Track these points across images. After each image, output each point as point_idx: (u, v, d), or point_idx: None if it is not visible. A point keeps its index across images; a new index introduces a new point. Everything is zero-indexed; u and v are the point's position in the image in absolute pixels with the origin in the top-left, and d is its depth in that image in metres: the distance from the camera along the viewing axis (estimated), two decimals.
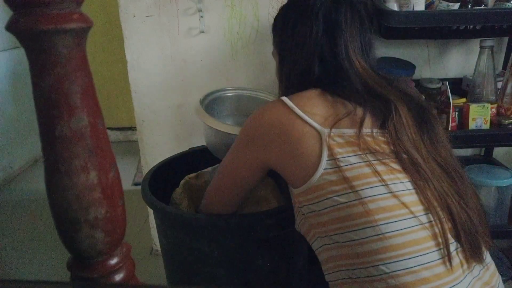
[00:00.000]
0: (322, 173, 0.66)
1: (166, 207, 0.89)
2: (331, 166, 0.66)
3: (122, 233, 0.51)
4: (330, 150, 0.66)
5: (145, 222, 1.89)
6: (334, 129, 0.67)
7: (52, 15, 0.38)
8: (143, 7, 1.40)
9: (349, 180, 0.64)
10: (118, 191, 0.49)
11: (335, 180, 0.65)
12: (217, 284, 0.89)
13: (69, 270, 0.50)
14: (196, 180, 1.07)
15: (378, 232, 0.62)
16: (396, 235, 0.62)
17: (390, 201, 0.63)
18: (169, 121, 1.53)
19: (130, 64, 1.46)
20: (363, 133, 0.67)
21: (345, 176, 0.65)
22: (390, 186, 0.64)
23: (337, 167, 0.65)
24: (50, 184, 0.45)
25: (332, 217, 0.66)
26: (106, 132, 0.47)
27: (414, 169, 0.66)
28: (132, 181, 2.46)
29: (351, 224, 0.64)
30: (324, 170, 0.66)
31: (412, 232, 0.62)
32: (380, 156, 0.66)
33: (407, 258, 0.61)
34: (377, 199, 0.63)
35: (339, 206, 0.65)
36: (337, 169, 0.65)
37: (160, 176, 1.05)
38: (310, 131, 0.68)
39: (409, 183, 0.65)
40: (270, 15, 1.41)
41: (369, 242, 0.63)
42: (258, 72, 1.48)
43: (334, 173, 0.65)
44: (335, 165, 0.65)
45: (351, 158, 0.65)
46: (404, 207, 0.63)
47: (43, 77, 0.41)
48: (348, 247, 0.65)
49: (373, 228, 0.62)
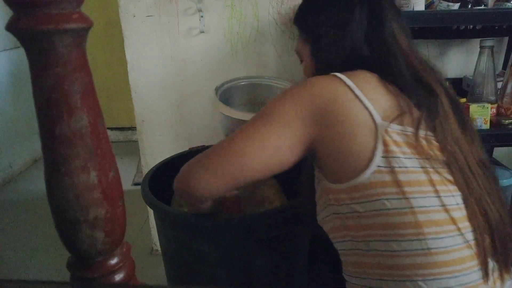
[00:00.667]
0: (375, 171, 0.59)
1: (166, 207, 0.89)
2: (385, 164, 0.59)
3: (122, 233, 0.51)
4: (386, 146, 0.59)
5: (145, 222, 1.89)
6: (393, 124, 0.60)
7: (52, 15, 0.38)
8: (143, 7, 1.40)
9: (402, 184, 0.59)
10: (118, 191, 0.49)
11: (388, 182, 0.59)
12: (217, 284, 0.89)
13: (69, 270, 0.50)
14: None
15: (424, 246, 0.58)
16: (442, 252, 0.58)
17: (441, 215, 0.59)
18: (169, 121, 1.53)
19: (130, 64, 1.46)
20: (419, 134, 0.61)
21: (398, 179, 0.59)
22: (443, 199, 0.59)
23: (391, 167, 0.59)
24: (50, 184, 0.45)
25: (376, 222, 0.60)
26: (106, 132, 0.47)
27: (464, 183, 0.62)
28: (132, 181, 2.46)
29: (397, 233, 0.59)
30: (377, 167, 0.59)
31: (458, 250, 0.59)
32: (435, 164, 0.61)
33: (449, 277, 0.58)
34: (429, 211, 0.59)
35: (387, 212, 0.59)
36: (391, 169, 0.59)
37: (160, 176, 1.05)
38: (368, 119, 0.61)
39: (459, 197, 0.61)
40: (270, 15, 1.41)
41: (412, 256, 0.58)
42: (258, 72, 1.48)
43: (388, 173, 0.59)
44: (389, 164, 0.59)
45: (406, 161, 0.60)
46: (453, 223, 0.59)
47: (43, 77, 0.41)
48: (386, 257, 0.60)
49: (420, 241, 0.58)
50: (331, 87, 0.63)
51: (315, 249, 1.06)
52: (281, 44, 1.45)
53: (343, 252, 0.69)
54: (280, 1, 1.40)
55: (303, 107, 0.63)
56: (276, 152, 0.63)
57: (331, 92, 0.63)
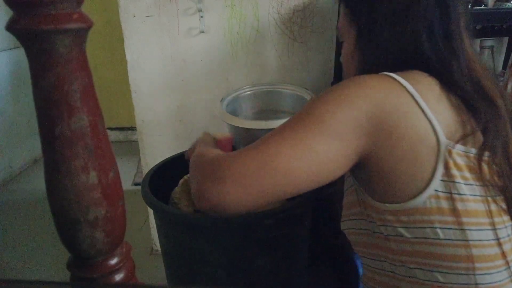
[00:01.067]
0: (431, 195, 0.53)
1: (166, 207, 0.89)
2: (444, 189, 0.53)
3: (122, 233, 0.51)
4: (447, 169, 0.52)
5: (145, 222, 1.89)
6: (458, 144, 0.53)
7: (52, 15, 0.38)
8: (143, 7, 1.40)
9: (459, 214, 0.52)
10: (118, 191, 0.49)
11: (444, 209, 0.53)
12: (217, 284, 0.88)
13: (69, 270, 0.50)
14: None
15: (472, 281, 0.54)
16: (489, 287, 0.55)
17: (493, 249, 0.54)
18: (169, 121, 1.53)
19: (130, 64, 1.46)
20: (482, 158, 0.54)
21: (456, 207, 0.53)
22: (497, 232, 0.54)
23: (450, 192, 0.53)
24: (50, 184, 0.45)
25: (423, 250, 0.55)
26: (106, 132, 0.47)
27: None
28: (132, 181, 2.46)
29: (445, 265, 0.54)
30: (435, 191, 0.53)
31: (504, 285, 0.56)
32: (493, 192, 0.55)
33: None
34: (484, 245, 0.54)
35: (438, 241, 0.54)
36: (449, 196, 0.53)
37: (160, 176, 1.05)
38: (431, 137, 0.53)
39: (510, 228, 0.57)
40: (270, 15, 1.41)
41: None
42: (258, 72, 1.48)
43: (445, 200, 0.53)
44: (448, 189, 0.53)
45: (466, 187, 0.53)
46: (503, 257, 0.55)
47: (43, 77, 0.41)
48: (426, 286, 0.56)
49: (469, 276, 0.53)
50: (393, 95, 0.54)
51: (315, 249, 1.06)
52: (281, 44, 1.45)
53: (371, 269, 0.64)
54: (280, 1, 1.40)
55: (358, 115, 0.53)
56: (323, 167, 0.53)
57: (392, 100, 0.53)
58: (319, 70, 1.50)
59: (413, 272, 0.56)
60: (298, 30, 1.44)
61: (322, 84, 1.49)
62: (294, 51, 1.46)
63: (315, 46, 1.47)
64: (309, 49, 1.47)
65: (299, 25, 1.43)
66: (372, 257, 0.63)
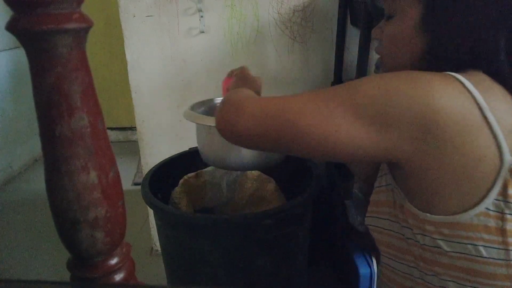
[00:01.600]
0: (481, 212, 0.49)
1: (166, 207, 0.89)
2: (496, 208, 0.49)
3: (122, 233, 0.51)
4: (504, 188, 0.48)
5: (145, 222, 1.89)
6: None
7: (52, 15, 0.38)
8: (143, 7, 1.40)
9: (507, 234, 0.49)
10: (118, 191, 0.49)
11: (492, 228, 0.49)
12: (217, 284, 0.89)
13: (69, 270, 0.50)
14: (195, 179, 1.07)
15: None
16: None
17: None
18: (169, 121, 1.53)
19: (130, 64, 1.46)
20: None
21: (505, 227, 0.49)
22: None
23: (502, 212, 0.49)
24: (50, 184, 0.45)
25: (461, 265, 0.52)
26: (106, 132, 0.47)
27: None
28: (132, 181, 2.46)
29: (482, 281, 0.52)
30: (485, 209, 0.49)
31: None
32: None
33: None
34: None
35: (480, 259, 0.51)
36: (501, 215, 0.49)
37: (160, 176, 1.05)
38: (495, 154, 0.47)
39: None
40: (270, 15, 1.41)
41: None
42: (258, 72, 1.48)
43: (495, 219, 0.49)
44: (500, 209, 0.49)
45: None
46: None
47: (43, 77, 0.41)
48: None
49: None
50: (459, 102, 0.47)
51: (315, 249, 1.06)
52: (281, 44, 1.45)
53: (395, 271, 0.62)
54: (280, 1, 1.40)
55: (409, 116, 0.47)
56: (341, 146, 0.50)
57: (458, 109, 0.47)
58: (319, 70, 1.50)
59: (446, 283, 0.54)
60: (298, 30, 1.44)
61: (322, 84, 1.49)
62: (294, 51, 1.46)
63: (315, 46, 1.47)
64: (309, 49, 1.46)
65: (299, 25, 1.43)
66: (399, 260, 0.60)
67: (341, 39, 1.40)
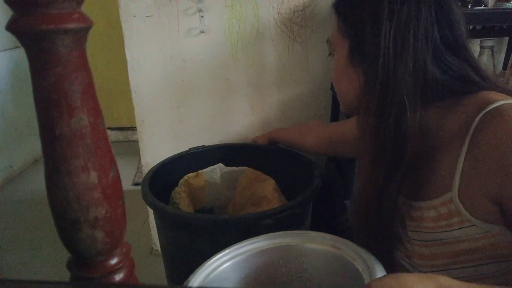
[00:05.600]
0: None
1: (166, 207, 0.89)
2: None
3: (122, 233, 0.51)
4: None
5: (145, 222, 1.89)
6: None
7: (52, 15, 0.38)
8: (143, 7, 1.40)
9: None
10: (118, 191, 0.49)
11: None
12: None
13: (69, 270, 0.50)
14: (195, 179, 1.08)
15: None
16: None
17: None
18: (169, 121, 1.53)
19: (130, 64, 1.46)
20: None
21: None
22: None
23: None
24: (50, 184, 0.45)
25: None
26: (106, 132, 0.47)
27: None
28: (132, 181, 2.46)
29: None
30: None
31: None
32: None
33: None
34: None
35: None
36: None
37: (160, 176, 1.05)
38: None
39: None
40: (270, 15, 1.41)
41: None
42: (258, 72, 1.48)
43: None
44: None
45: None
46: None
47: (43, 77, 0.41)
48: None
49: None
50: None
51: None
52: (281, 44, 1.45)
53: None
54: (280, 1, 1.40)
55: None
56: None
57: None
58: (319, 70, 1.50)
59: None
60: (298, 30, 1.44)
61: (322, 84, 1.49)
62: (294, 51, 1.46)
63: (315, 46, 1.47)
64: (309, 49, 1.47)
65: (299, 25, 1.43)
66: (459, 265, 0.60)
67: None
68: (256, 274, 0.61)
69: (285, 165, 1.16)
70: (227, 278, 0.59)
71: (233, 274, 0.60)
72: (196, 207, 1.08)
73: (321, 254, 0.60)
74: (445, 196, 0.59)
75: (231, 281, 0.60)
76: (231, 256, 0.61)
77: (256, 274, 0.61)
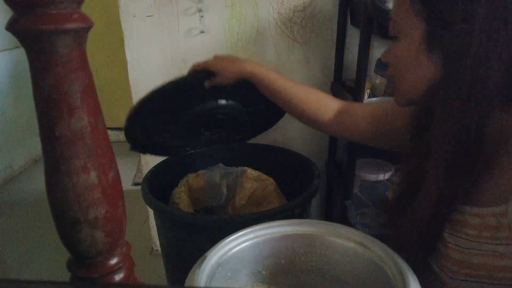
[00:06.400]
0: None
1: (166, 207, 0.89)
2: None
3: (122, 233, 0.51)
4: None
5: (145, 222, 1.89)
6: None
7: (52, 15, 0.38)
8: (143, 7, 1.40)
9: None
10: (118, 191, 0.49)
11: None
12: None
13: (69, 270, 0.50)
14: (195, 179, 1.07)
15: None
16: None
17: None
18: None
19: (130, 64, 1.46)
20: None
21: None
22: None
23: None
24: (50, 184, 0.45)
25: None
26: (106, 132, 0.47)
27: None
28: (132, 181, 2.46)
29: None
30: None
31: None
32: None
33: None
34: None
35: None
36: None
37: (160, 176, 1.05)
38: None
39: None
40: (270, 15, 1.41)
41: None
42: None
43: None
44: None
45: None
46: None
47: (43, 77, 0.41)
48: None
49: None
50: None
51: None
52: (281, 44, 1.45)
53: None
54: (280, 1, 1.40)
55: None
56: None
57: None
58: (319, 70, 1.50)
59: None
60: (298, 30, 1.44)
61: (322, 84, 1.49)
62: (294, 51, 1.46)
63: (315, 46, 1.47)
64: (309, 49, 1.47)
65: (299, 25, 1.43)
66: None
67: (341, 39, 1.40)
68: (275, 257, 0.60)
69: (285, 165, 1.16)
70: (244, 258, 0.59)
71: (251, 254, 0.59)
72: (196, 207, 1.08)
73: (346, 250, 0.56)
74: (499, 207, 0.52)
75: (248, 260, 0.59)
76: (252, 237, 0.60)
77: (275, 258, 0.60)
